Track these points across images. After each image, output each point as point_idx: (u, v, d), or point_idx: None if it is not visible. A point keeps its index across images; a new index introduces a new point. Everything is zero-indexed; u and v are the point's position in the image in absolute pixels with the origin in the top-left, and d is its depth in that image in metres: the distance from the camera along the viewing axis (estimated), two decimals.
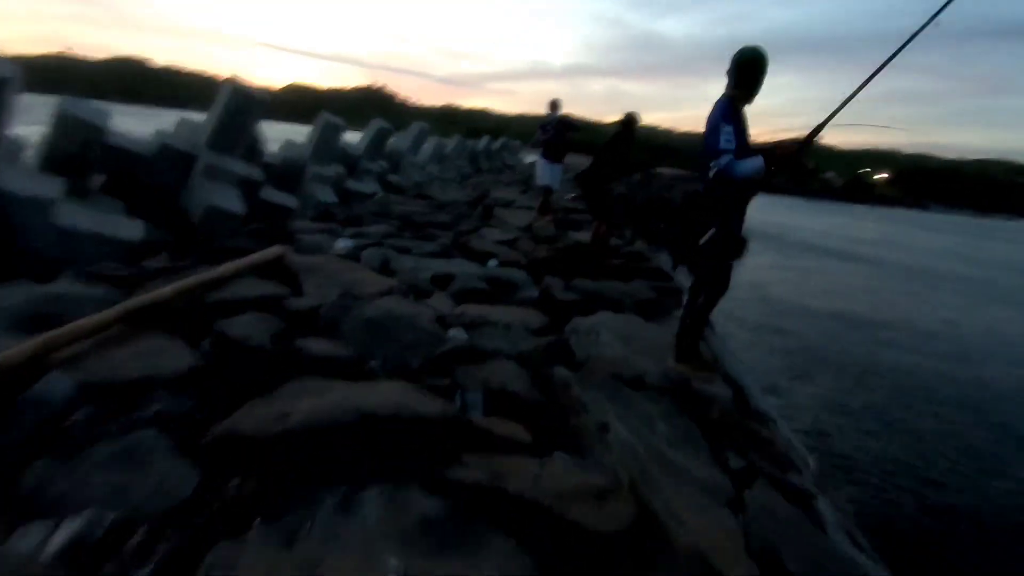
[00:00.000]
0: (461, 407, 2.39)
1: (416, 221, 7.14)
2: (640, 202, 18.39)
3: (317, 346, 2.63)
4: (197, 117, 7.17)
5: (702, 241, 2.65)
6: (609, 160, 6.44)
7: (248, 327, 2.58)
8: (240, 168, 6.44)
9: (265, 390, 2.19)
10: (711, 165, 2.64)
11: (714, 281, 2.89)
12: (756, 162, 2.57)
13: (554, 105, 8.10)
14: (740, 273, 3.12)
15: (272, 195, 7.06)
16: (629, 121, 6.49)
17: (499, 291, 4.27)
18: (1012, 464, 5.98)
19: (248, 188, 6.41)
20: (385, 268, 4.44)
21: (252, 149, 7.20)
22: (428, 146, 17.37)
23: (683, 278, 8.13)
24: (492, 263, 5.10)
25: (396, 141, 14.06)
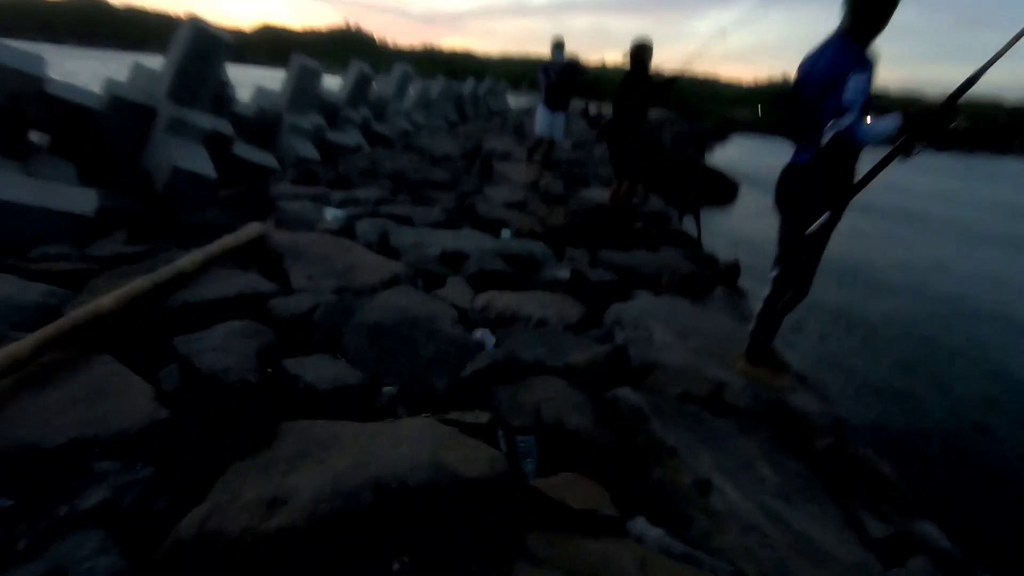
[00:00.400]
0: (509, 453, 1.84)
1: (411, 179, 6.41)
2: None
3: (315, 371, 2.04)
4: (154, 62, 6.22)
5: (810, 230, 2.05)
6: (629, 106, 5.55)
7: (225, 353, 1.96)
8: (206, 122, 5.58)
9: (250, 447, 1.62)
10: (827, 127, 2.01)
11: (809, 275, 2.33)
12: (892, 122, 1.95)
13: (558, 46, 7.17)
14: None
15: (248, 152, 6.24)
16: (640, 54, 5.28)
17: (521, 270, 3.67)
18: None
19: (218, 145, 5.58)
20: (385, 245, 3.80)
21: (219, 98, 6.31)
22: (413, 92, 16.17)
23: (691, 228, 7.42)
24: (506, 233, 4.47)
25: (379, 86, 12.94)
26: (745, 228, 12.43)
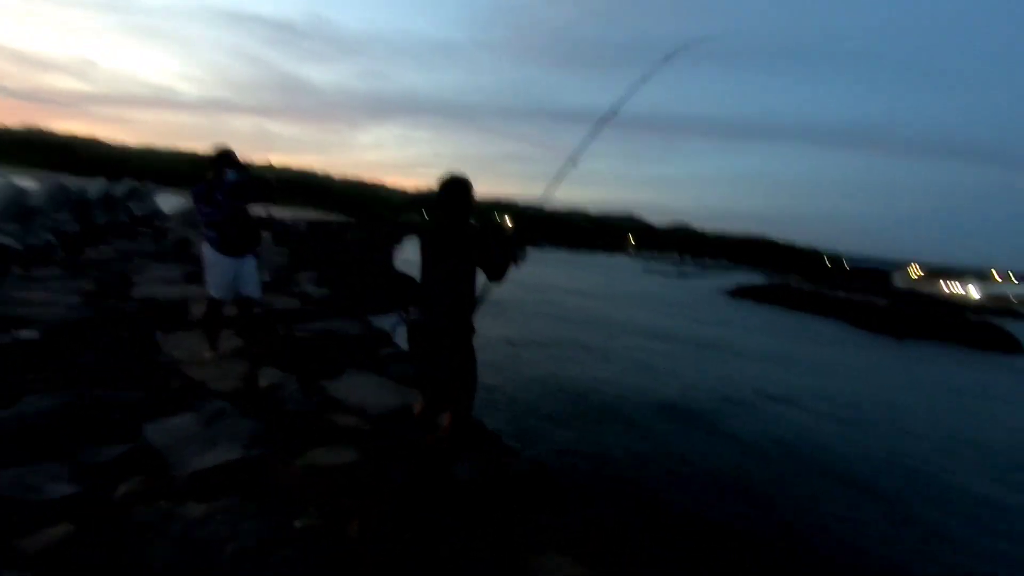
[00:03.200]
0: None
1: None
2: None
3: None
4: None
5: None
6: (450, 279, 2.79)
7: None
8: None
9: None
10: None
11: None
12: None
13: (226, 158, 4.40)
14: None
15: None
16: (463, 195, 2.82)
17: None
18: None
19: None
20: None
21: None
22: None
23: None
24: None
25: None
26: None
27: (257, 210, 5.04)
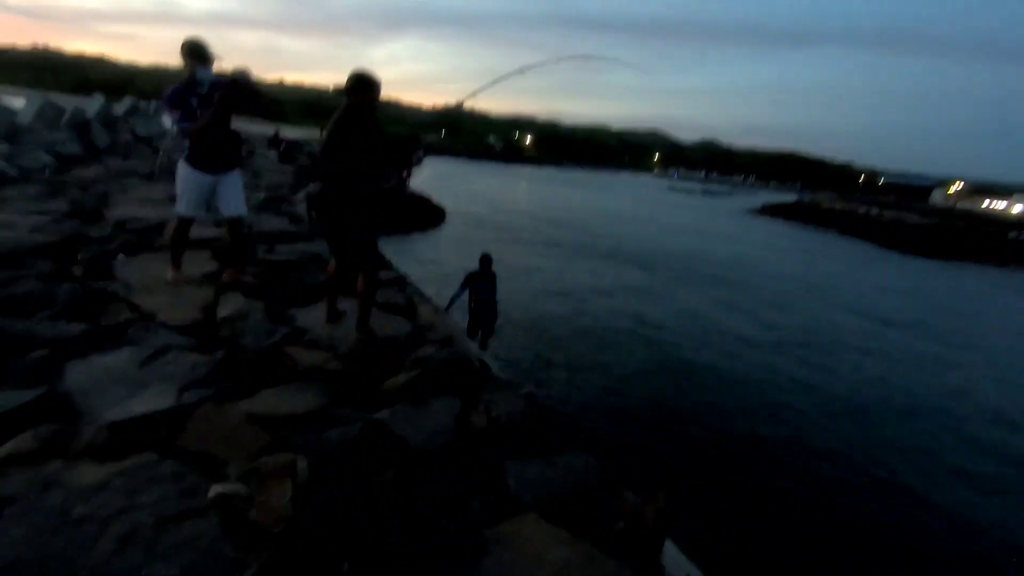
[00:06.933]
0: None
1: None
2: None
3: None
4: None
5: None
6: (358, 165, 3.31)
7: None
8: None
9: None
10: None
11: None
12: None
13: (197, 54, 3.81)
14: None
15: None
16: (368, 92, 3.30)
17: None
18: None
19: None
20: None
21: None
22: None
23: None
24: None
25: None
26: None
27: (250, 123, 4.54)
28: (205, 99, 3.84)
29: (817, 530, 5.26)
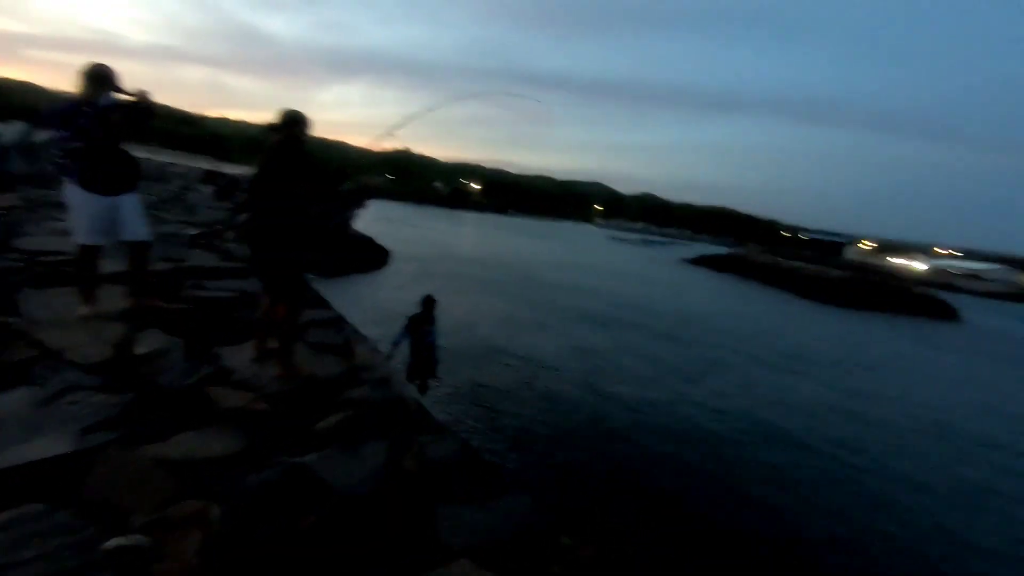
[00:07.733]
0: None
1: None
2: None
3: None
4: None
5: None
6: (285, 200, 3.43)
7: None
8: None
9: None
10: None
11: None
12: None
13: (104, 80, 3.67)
14: None
15: None
16: (297, 128, 3.48)
17: None
18: None
19: None
20: None
21: None
22: None
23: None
24: None
25: None
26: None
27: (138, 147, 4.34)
28: (99, 119, 3.64)
29: (758, 555, 5.34)
